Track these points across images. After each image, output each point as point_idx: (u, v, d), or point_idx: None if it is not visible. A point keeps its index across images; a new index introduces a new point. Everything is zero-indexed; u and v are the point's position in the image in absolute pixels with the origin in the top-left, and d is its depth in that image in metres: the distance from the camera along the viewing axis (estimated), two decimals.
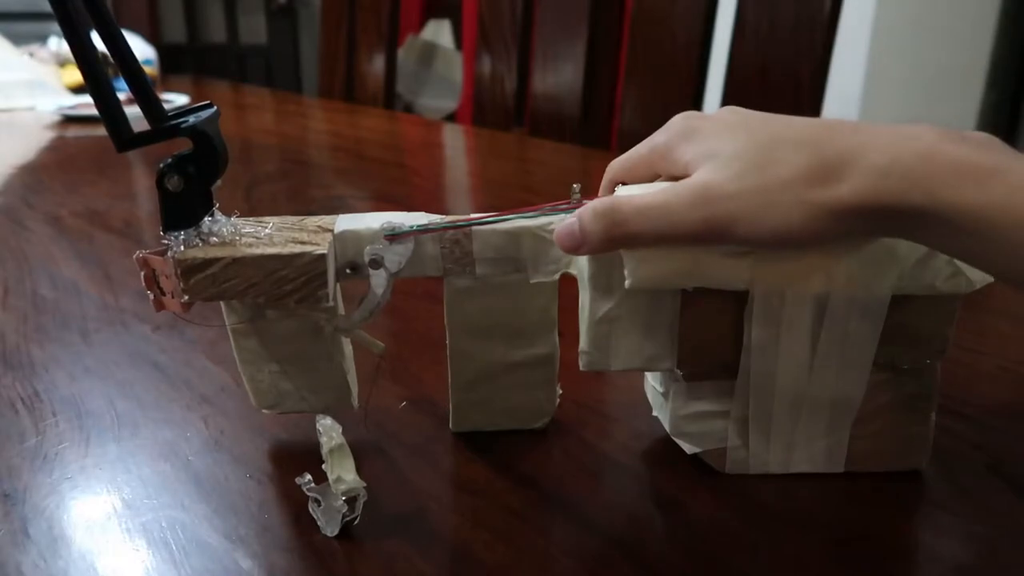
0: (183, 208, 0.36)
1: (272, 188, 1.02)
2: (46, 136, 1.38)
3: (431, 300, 0.50)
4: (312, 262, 0.36)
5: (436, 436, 0.44)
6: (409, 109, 3.15)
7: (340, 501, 0.35)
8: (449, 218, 0.39)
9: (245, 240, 0.37)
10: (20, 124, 1.49)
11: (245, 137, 1.36)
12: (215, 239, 0.37)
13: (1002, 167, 0.29)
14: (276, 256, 0.36)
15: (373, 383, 0.47)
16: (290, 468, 0.39)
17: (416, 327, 0.57)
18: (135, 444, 0.43)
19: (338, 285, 0.40)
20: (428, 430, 0.44)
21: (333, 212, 0.41)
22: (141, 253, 0.37)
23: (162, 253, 0.37)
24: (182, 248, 0.36)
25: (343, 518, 0.35)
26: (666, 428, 0.42)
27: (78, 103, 1.50)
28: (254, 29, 3.79)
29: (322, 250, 0.36)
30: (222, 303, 0.39)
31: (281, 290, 0.36)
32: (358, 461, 0.36)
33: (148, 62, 1.91)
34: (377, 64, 1.74)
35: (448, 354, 0.42)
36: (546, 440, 0.43)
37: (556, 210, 0.38)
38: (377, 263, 0.38)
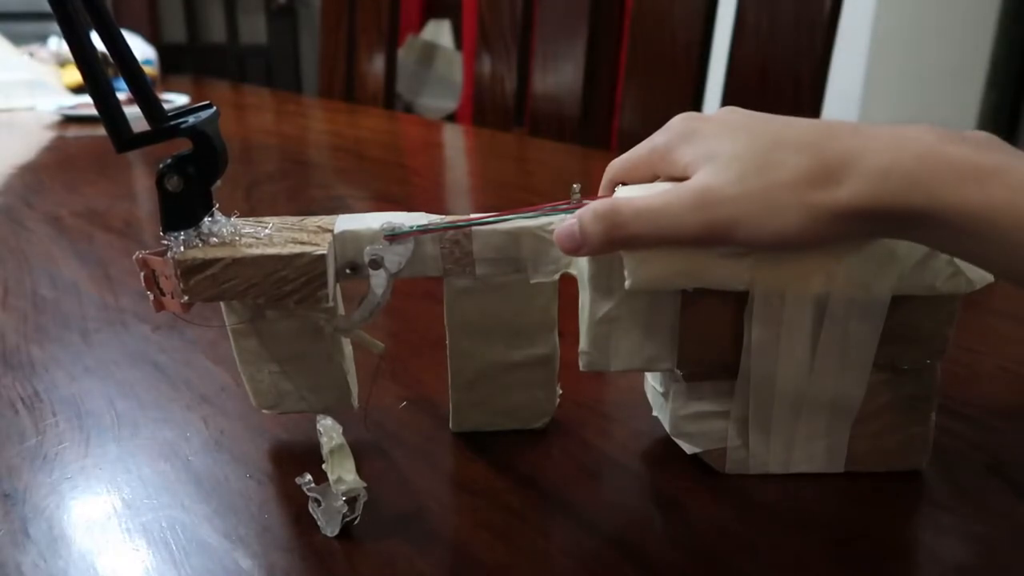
0: (183, 208, 0.36)
1: (272, 188, 1.02)
2: (46, 136, 1.38)
3: (431, 300, 0.50)
4: (312, 262, 0.36)
5: (436, 436, 0.44)
6: (409, 109, 3.15)
7: (340, 501, 0.35)
8: (449, 218, 0.39)
9: (245, 240, 0.37)
10: (20, 124, 1.49)
11: (245, 137, 1.36)
12: (215, 239, 0.37)
13: (1002, 167, 0.29)
14: (276, 256, 0.36)
15: (373, 383, 0.47)
16: (290, 468, 0.39)
17: (416, 327, 0.57)
18: (135, 444, 0.43)
19: (338, 285, 0.40)
20: (428, 430, 0.44)
21: (333, 212, 0.41)
22: (141, 253, 0.37)
23: (162, 253, 0.37)
24: (182, 248, 0.36)
25: (343, 518, 0.35)
26: (666, 428, 0.42)
27: (78, 103, 1.50)
28: (254, 29, 3.79)
29: (322, 250, 0.36)
30: (222, 303, 0.39)
31: (281, 290, 0.36)
32: (358, 461, 0.36)
33: (148, 62, 1.91)
34: (377, 64, 1.74)
35: (448, 354, 0.42)
36: (546, 440, 0.43)
37: (556, 210, 0.38)
38: (377, 263, 0.38)
